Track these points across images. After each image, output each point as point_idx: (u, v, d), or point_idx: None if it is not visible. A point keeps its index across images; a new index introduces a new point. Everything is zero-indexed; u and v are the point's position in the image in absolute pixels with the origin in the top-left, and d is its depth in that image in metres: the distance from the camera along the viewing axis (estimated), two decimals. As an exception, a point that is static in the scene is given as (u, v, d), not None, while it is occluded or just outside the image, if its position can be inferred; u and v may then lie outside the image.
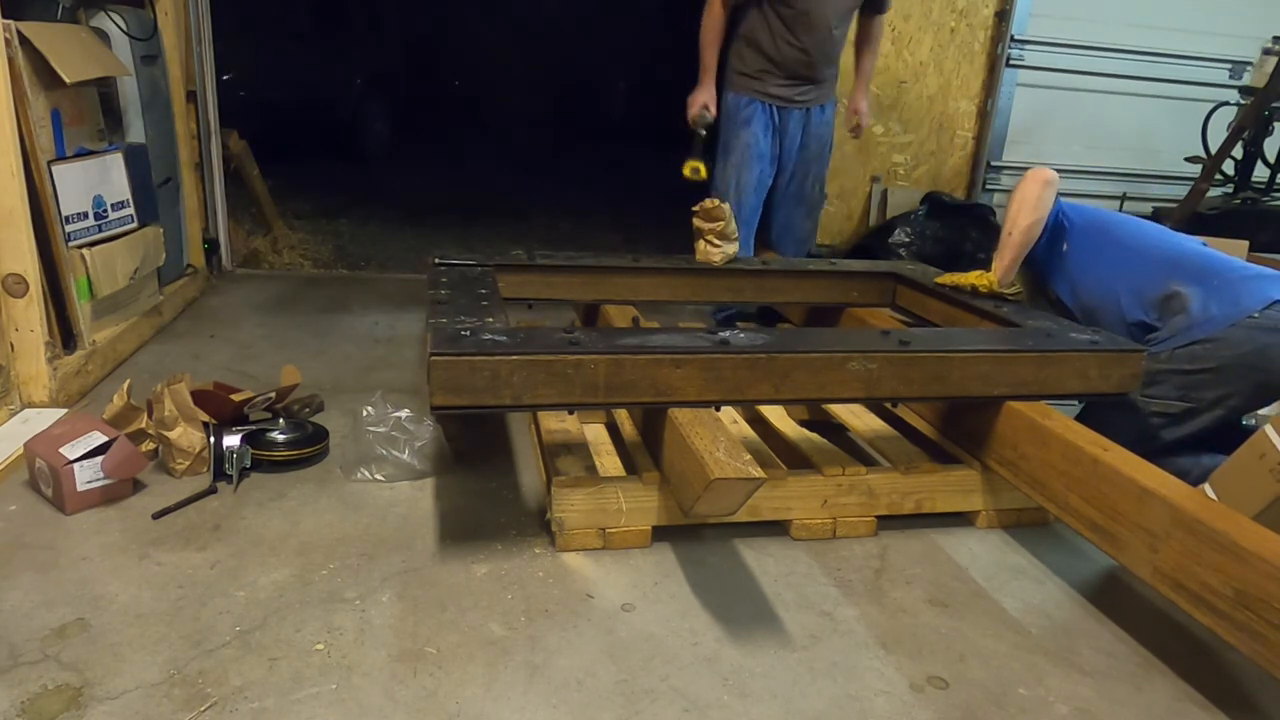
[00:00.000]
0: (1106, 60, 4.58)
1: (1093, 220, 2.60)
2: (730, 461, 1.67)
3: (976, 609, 1.91)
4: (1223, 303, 2.24)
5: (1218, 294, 2.27)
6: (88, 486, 2.05)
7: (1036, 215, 2.48)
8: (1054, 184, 2.48)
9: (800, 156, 3.62)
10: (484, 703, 1.53)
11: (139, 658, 1.58)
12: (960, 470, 2.24)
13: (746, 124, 3.55)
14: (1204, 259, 2.40)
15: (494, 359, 1.79)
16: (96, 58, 2.90)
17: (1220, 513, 1.62)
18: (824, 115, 3.62)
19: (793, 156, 3.61)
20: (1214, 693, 1.68)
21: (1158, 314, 2.36)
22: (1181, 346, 2.26)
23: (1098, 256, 2.52)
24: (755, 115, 3.53)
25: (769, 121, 3.55)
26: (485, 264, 2.65)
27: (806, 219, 3.73)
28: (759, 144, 3.55)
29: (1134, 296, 2.41)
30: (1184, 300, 2.30)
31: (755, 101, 3.53)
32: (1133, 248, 2.49)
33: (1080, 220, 2.59)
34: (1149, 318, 2.37)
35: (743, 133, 3.55)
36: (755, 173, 3.56)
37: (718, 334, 2.01)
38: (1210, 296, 2.27)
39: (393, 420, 2.35)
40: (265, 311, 3.72)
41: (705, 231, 2.93)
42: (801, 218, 3.71)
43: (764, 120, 3.55)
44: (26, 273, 2.50)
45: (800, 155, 3.62)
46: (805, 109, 3.57)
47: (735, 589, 1.93)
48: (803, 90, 3.53)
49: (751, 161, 3.56)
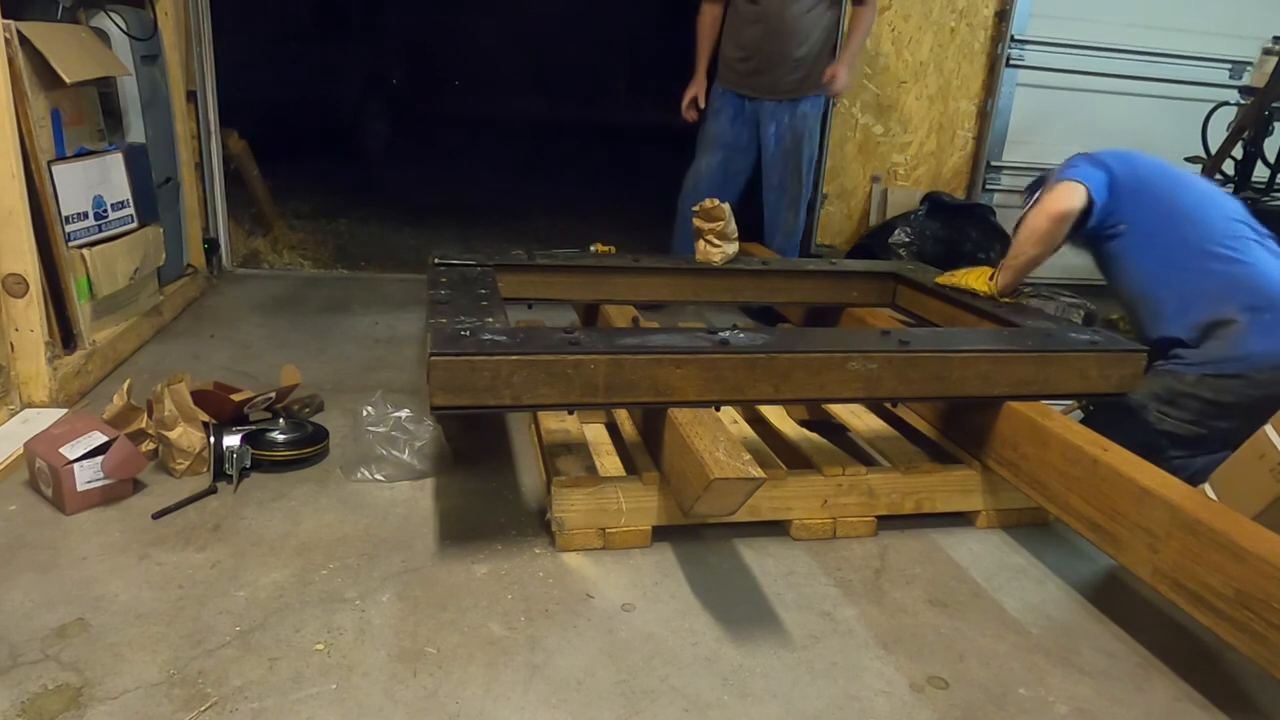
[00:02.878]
0: (1106, 60, 4.58)
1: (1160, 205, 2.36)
2: (730, 461, 1.67)
3: (976, 609, 1.91)
4: (1270, 340, 2.14)
5: (1267, 331, 2.15)
6: (88, 486, 2.05)
7: (1041, 250, 2.39)
8: (1069, 219, 2.33)
9: (778, 149, 3.72)
10: (484, 703, 1.53)
11: (139, 658, 1.58)
12: (960, 470, 2.24)
13: (716, 114, 3.74)
14: (1266, 284, 2.21)
15: (494, 359, 1.79)
16: (96, 58, 2.90)
17: (1220, 513, 1.62)
18: (803, 108, 3.70)
19: (770, 148, 3.73)
20: (1214, 693, 1.68)
21: (1198, 335, 2.24)
22: (1212, 375, 2.19)
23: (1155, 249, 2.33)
24: (725, 106, 3.72)
25: (740, 113, 3.71)
26: (485, 264, 2.66)
27: (788, 211, 3.82)
28: (724, 133, 3.73)
29: (1179, 311, 2.28)
30: (1231, 329, 2.19)
31: (729, 93, 3.72)
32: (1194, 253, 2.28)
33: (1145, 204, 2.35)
34: (1186, 336, 2.26)
35: (711, 122, 3.75)
36: (716, 159, 3.75)
37: (718, 334, 2.01)
38: (1258, 331, 2.15)
39: (393, 420, 2.35)
40: (265, 311, 3.72)
41: (705, 231, 2.93)
42: (784, 209, 3.81)
43: (733, 111, 3.71)
44: (26, 273, 2.50)
45: (778, 147, 3.72)
46: (781, 101, 3.67)
47: (735, 589, 1.93)
48: (773, 81, 3.63)
49: (714, 149, 3.75)
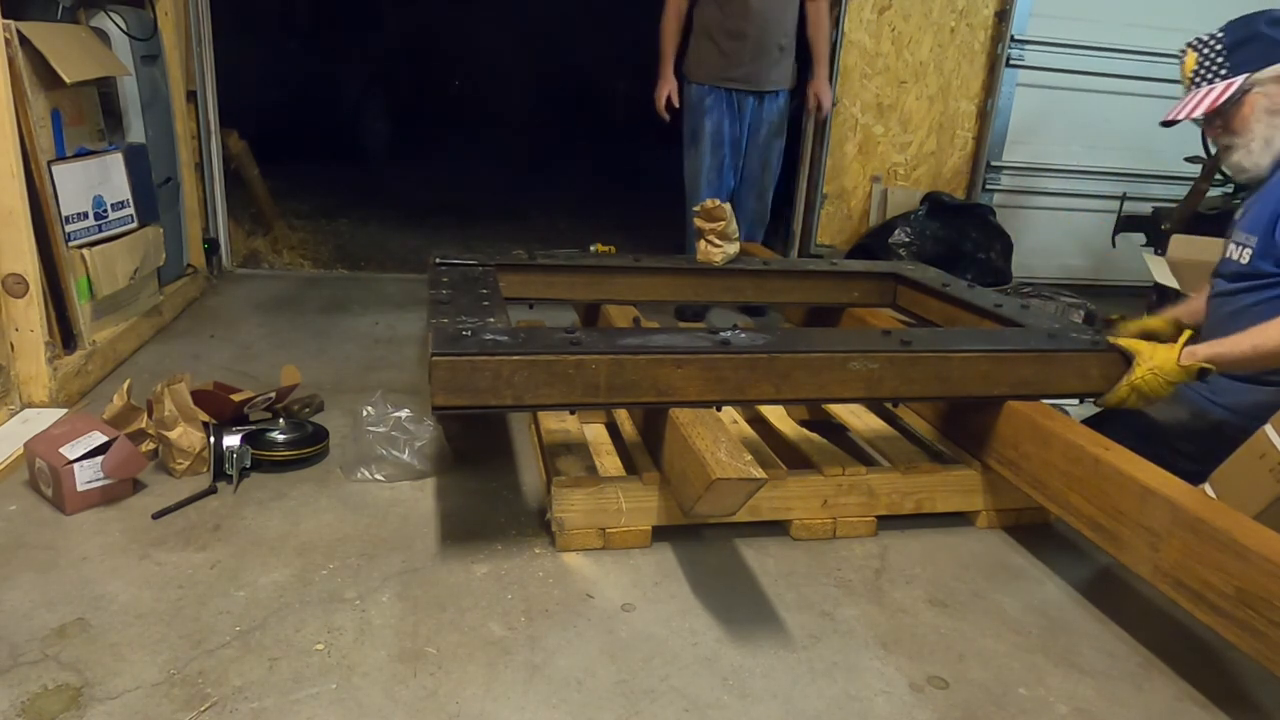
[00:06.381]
0: (1106, 60, 4.58)
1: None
2: (731, 462, 1.67)
3: (976, 609, 1.91)
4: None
5: None
6: (88, 486, 2.05)
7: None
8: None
9: (753, 141, 3.83)
10: (484, 703, 1.53)
11: (139, 658, 1.58)
12: (960, 470, 2.24)
13: (708, 112, 3.79)
14: None
15: (495, 359, 1.79)
16: (96, 58, 2.90)
17: (1222, 512, 1.62)
18: (777, 102, 3.82)
19: (746, 141, 3.83)
20: (1214, 692, 1.68)
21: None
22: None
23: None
24: (716, 102, 3.77)
25: (730, 107, 3.78)
26: (486, 264, 2.65)
27: (757, 201, 3.95)
28: (720, 131, 3.79)
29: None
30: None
31: (714, 89, 3.76)
32: None
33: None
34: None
35: (704, 120, 3.79)
36: (719, 159, 3.81)
37: (718, 334, 2.00)
38: None
39: (393, 420, 2.35)
40: (265, 311, 3.72)
41: (705, 231, 2.93)
42: (753, 200, 3.93)
43: (724, 106, 3.78)
44: (26, 273, 2.49)
45: (752, 140, 3.83)
46: (759, 95, 3.77)
47: (735, 589, 1.93)
48: (753, 74, 3.71)
49: (715, 149, 3.81)
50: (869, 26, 4.38)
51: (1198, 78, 2.19)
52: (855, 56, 4.40)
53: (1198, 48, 2.19)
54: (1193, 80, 2.20)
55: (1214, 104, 2.12)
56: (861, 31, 4.37)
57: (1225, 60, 2.13)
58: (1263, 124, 2.11)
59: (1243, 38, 2.12)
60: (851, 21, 4.34)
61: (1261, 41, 2.10)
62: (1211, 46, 2.16)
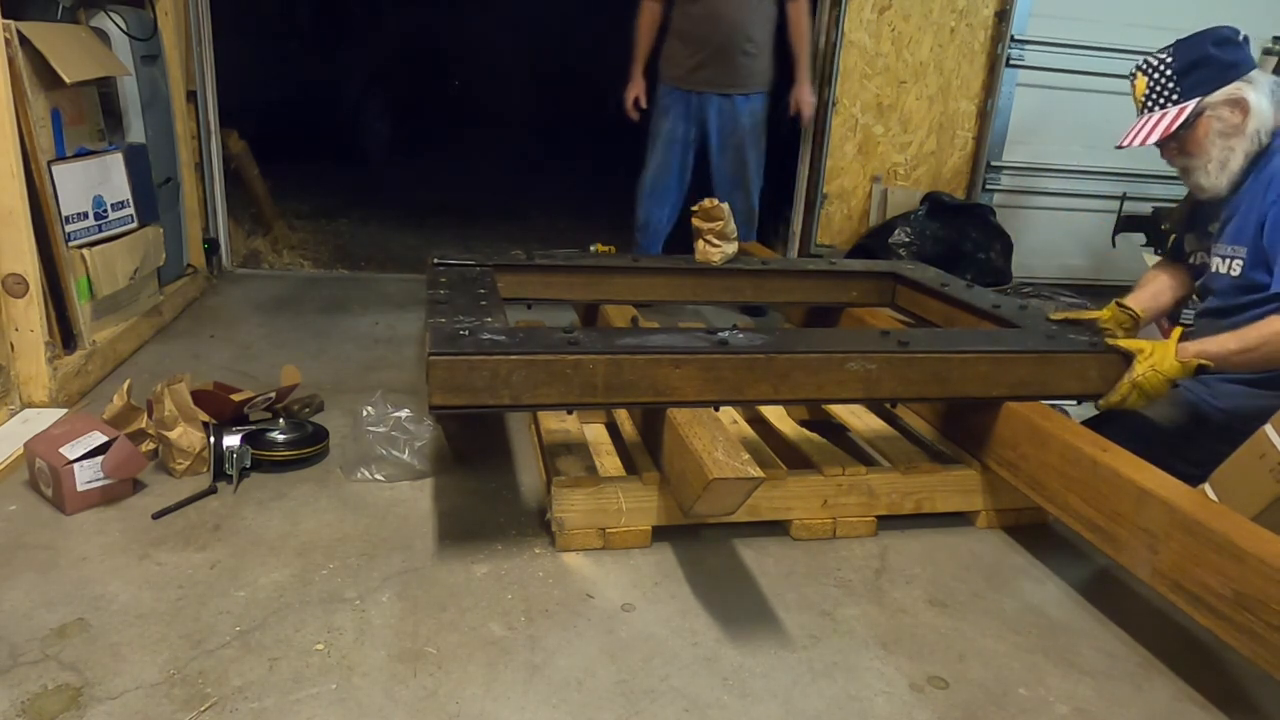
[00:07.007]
0: (1106, 60, 4.57)
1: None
2: (729, 461, 1.67)
3: (976, 609, 1.91)
4: None
5: None
6: (88, 486, 2.05)
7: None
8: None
9: (723, 141, 3.84)
10: (484, 703, 1.53)
11: (139, 658, 1.58)
12: (960, 470, 2.24)
13: (665, 112, 3.84)
14: None
15: (493, 359, 1.79)
16: (96, 58, 2.90)
17: (1219, 514, 1.62)
18: (749, 103, 3.82)
19: (715, 142, 3.84)
20: (1214, 693, 1.68)
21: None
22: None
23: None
24: (674, 104, 3.81)
25: (687, 109, 3.81)
26: (484, 264, 2.65)
27: (745, 200, 3.95)
28: (673, 131, 3.83)
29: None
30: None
31: (675, 90, 3.80)
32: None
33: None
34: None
35: (660, 120, 3.86)
36: (668, 159, 3.86)
37: (717, 334, 2.01)
38: None
39: (393, 420, 2.35)
40: (265, 311, 3.72)
41: (704, 231, 2.93)
42: (740, 200, 3.89)
43: (681, 109, 3.82)
44: (26, 273, 2.50)
45: (721, 140, 3.84)
46: (727, 96, 3.77)
47: (735, 589, 1.93)
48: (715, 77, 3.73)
49: (666, 148, 3.86)
50: (869, 26, 4.37)
51: (1150, 102, 2.20)
52: (855, 56, 4.39)
53: (1148, 71, 2.20)
54: (1145, 104, 2.21)
55: (1167, 130, 2.13)
56: (861, 31, 4.37)
57: (1176, 85, 2.14)
58: (1216, 146, 2.13)
59: (1192, 61, 2.13)
60: (851, 21, 4.33)
61: (1211, 65, 2.11)
62: (1161, 70, 2.17)
